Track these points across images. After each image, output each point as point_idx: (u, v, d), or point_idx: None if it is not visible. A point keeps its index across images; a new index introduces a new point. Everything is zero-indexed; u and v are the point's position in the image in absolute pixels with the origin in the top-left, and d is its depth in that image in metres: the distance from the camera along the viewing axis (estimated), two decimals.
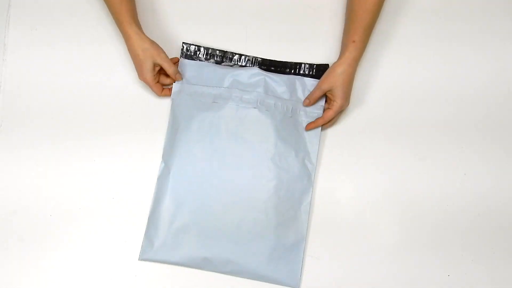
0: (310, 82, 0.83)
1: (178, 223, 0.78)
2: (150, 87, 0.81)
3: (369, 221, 0.80)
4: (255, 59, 0.85)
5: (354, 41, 0.77)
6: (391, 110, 0.85)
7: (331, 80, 0.78)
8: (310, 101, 0.81)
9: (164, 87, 0.83)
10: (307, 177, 0.81)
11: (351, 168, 0.82)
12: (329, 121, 0.80)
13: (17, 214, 0.79)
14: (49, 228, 0.79)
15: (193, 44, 0.84)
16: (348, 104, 0.80)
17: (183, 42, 0.84)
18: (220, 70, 0.83)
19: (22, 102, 0.84)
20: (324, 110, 0.82)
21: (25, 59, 0.85)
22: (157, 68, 0.80)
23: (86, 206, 0.80)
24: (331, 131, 0.84)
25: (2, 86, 0.84)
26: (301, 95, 0.83)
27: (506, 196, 0.82)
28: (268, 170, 0.79)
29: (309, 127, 0.81)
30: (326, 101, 0.82)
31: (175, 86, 0.82)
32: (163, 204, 0.79)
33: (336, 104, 0.78)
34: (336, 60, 0.79)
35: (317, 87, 0.80)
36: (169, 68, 0.80)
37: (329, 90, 0.78)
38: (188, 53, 0.84)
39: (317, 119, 0.81)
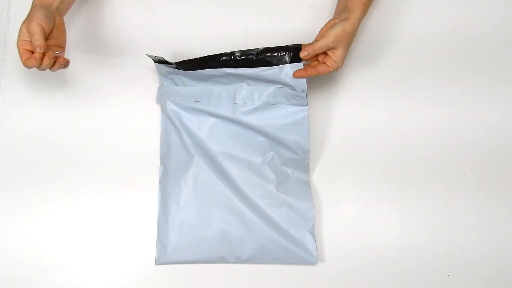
0: (293, 68, 0.75)
1: (186, 223, 0.78)
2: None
3: (369, 221, 0.81)
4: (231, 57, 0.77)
5: (364, 4, 0.76)
6: (392, 110, 0.85)
7: (342, 39, 0.73)
8: (309, 54, 0.75)
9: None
10: (301, 152, 0.79)
11: (351, 168, 0.83)
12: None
13: (17, 214, 0.79)
14: (49, 228, 0.79)
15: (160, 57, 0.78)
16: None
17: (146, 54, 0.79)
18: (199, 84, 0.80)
19: (22, 102, 0.84)
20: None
21: None
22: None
23: (86, 206, 0.80)
24: (331, 131, 0.84)
25: (2, 87, 0.84)
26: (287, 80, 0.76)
27: (505, 195, 0.82)
28: (264, 169, 0.79)
29: (298, 74, 0.75)
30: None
31: (159, 90, 0.81)
32: (169, 206, 0.79)
33: (337, 65, 0.74)
34: (336, 17, 0.75)
35: (324, 41, 0.73)
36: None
37: (333, 48, 0.74)
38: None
39: (310, 69, 0.75)
